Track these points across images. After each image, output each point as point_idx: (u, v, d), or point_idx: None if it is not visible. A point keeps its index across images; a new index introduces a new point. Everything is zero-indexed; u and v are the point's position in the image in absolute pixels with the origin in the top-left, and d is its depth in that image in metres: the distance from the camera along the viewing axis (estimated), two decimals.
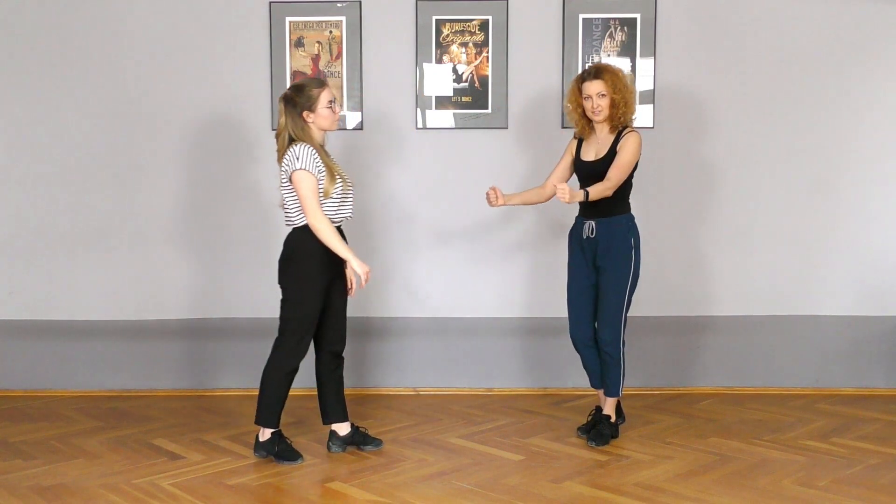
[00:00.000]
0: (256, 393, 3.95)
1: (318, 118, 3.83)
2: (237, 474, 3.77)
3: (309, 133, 3.82)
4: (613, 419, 4.22)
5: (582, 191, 3.92)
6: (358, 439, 4.07)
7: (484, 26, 4.88)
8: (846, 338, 5.04)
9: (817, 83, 4.90)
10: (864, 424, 4.43)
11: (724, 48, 4.88)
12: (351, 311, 4.97)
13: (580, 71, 4.83)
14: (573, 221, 4.25)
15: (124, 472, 3.78)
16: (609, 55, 4.86)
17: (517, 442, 4.18)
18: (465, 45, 4.89)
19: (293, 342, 3.88)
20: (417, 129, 4.95)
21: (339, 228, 3.91)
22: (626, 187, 4.08)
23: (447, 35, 4.89)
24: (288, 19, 4.88)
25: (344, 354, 4.08)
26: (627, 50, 4.87)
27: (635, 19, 4.86)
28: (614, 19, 4.87)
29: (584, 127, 4.13)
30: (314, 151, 3.77)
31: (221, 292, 4.95)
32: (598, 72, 4.01)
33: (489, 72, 4.88)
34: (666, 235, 4.98)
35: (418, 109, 4.93)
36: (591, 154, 4.12)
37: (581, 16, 4.86)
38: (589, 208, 4.09)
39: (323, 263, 3.84)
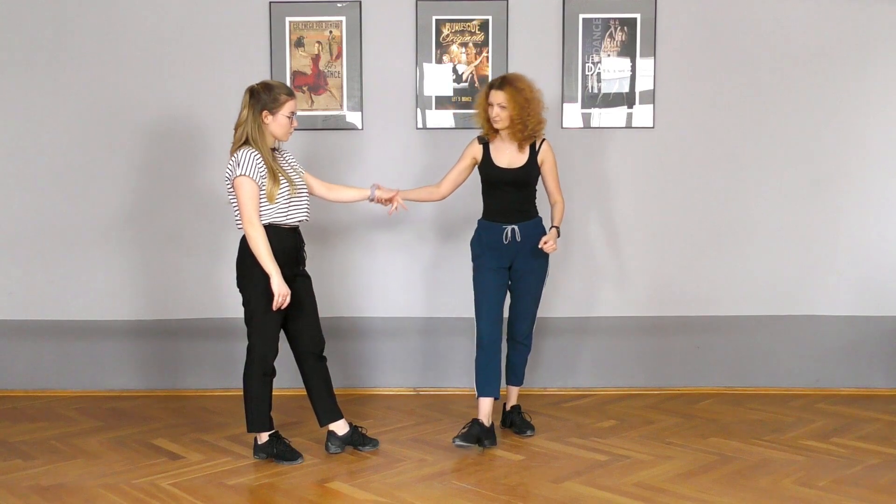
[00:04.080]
0: None
1: (275, 123, 3.80)
2: (237, 474, 3.77)
3: (262, 133, 3.79)
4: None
5: (553, 229, 4.09)
6: (356, 440, 4.06)
7: (484, 26, 4.88)
8: (846, 338, 5.04)
9: (817, 83, 4.90)
10: (864, 424, 4.43)
11: (724, 48, 4.88)
12: (351, 311, 5.00)
13: (580, 71, 4.87)
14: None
15: (124, 472, 3.78)
16: (609, 55, 4.86)
17: (517, 442, 4.18)
18: (465, 45, 4.89)
19: (260, 344, 3.86)
20: (417, 129, 4.95)
21: (295, 229, 3.89)
22: (535, 192, 4.17)
23: (447, 35, 4.88)
24: (288, 19, 4.87)
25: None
26: (627, 50, 4.87)
27: (635, 19, 4.86)
28: (614, 19, 4.86)
29: (490, 131, 4.11)
30: (258, 156, 3.73)
31: (221, 293, 4.94)
32: (502, 83, 4.01)
33: (489, 72, 4.88)
34: (666, 235, 4.98)
35: (418, 109, 4.92)
36: (504, 160, 4.10)
37: (581, 16, 4.85)
38: (504, 214, 4.13)
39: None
